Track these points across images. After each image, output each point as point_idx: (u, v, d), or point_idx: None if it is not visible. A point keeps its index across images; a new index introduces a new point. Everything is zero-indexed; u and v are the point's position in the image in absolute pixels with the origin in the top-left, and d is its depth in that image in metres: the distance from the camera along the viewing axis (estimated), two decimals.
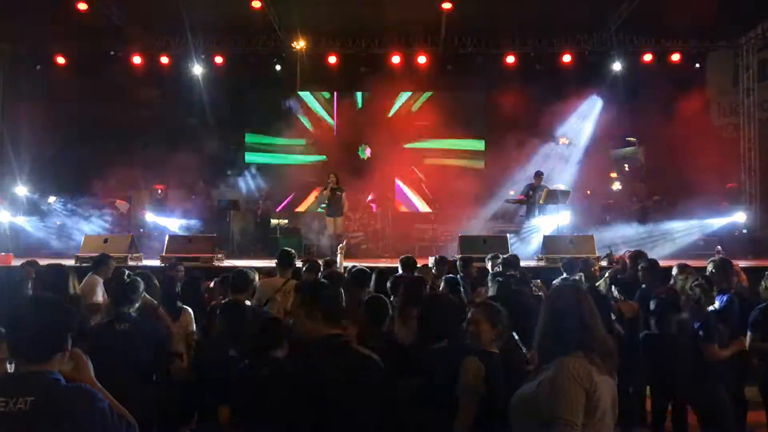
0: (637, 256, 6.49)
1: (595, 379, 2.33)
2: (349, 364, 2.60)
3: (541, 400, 2.33)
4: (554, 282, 5.60)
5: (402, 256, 6.51)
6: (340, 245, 7.81)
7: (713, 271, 5.07)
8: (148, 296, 4.51)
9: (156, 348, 3.98)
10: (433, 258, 7.23)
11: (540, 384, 2.37)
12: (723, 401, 4.34)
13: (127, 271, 5.67)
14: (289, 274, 5.76)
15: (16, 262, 8.74)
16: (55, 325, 2.10)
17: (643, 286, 5.67)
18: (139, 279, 4.42)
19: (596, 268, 6.63)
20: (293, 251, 6.11)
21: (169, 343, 4.24)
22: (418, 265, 6.54)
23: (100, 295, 5.76)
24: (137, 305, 4.13)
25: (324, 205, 11.58)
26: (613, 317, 5.09)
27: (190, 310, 4.89)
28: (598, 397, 2.31)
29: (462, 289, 5.47)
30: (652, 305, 5.00)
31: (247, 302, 4.64)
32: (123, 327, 3.89)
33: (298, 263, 6.32)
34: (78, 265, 8.60)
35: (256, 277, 5.33)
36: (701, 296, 4.44)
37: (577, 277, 5.90)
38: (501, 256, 7.04)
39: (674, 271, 5.62)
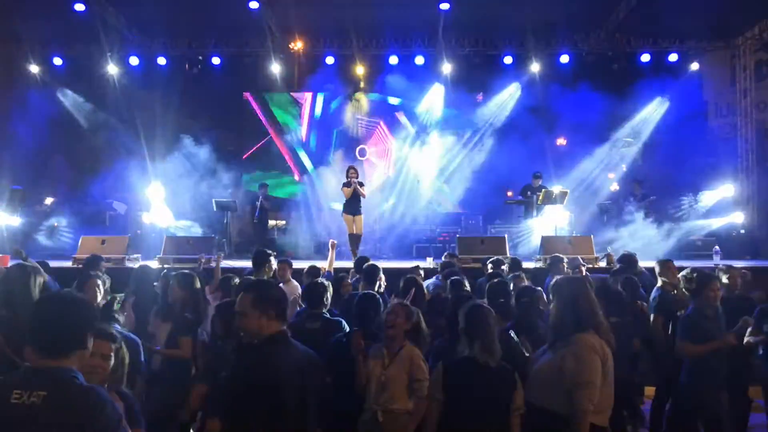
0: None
1: (606, 351, 2.90)
2: (298, 358, 2.77)
3: (566, 369, 2.83)
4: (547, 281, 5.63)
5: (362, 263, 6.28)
6: (332, 241, 7.68)
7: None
8: None
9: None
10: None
11: (563, 357, 2.86)
12: (716, 402, 4.31)
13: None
14: (262, 274, 5.57)
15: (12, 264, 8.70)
16: (74, 321, 2.10)
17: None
18: None
19: (581, 267, 6.66)
20: (269, 251, 6.04)
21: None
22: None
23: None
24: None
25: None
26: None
27: None
28: (610, 364, 2.89)
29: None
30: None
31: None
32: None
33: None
34: (75, 266, 8.61)
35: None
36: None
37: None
38: (503, 259, 7.02)
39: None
